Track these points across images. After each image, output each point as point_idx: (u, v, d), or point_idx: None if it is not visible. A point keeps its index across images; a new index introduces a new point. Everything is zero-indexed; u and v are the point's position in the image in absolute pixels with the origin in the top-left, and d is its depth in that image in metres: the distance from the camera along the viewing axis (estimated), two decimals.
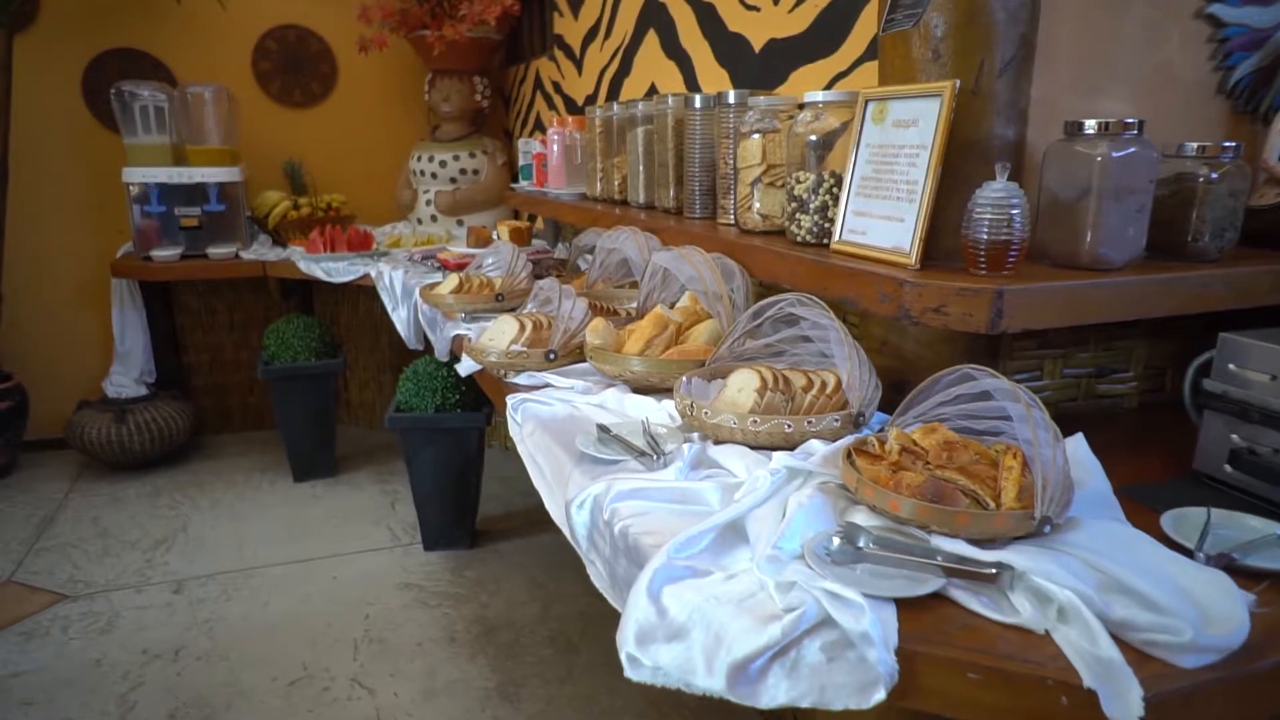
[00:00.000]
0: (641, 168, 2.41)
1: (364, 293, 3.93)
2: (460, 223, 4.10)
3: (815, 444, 1.24)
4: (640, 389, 1.62)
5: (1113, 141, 1.25)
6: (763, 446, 1.27)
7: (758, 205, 1.79)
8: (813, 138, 1.58)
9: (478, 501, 3.20)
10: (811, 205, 1.58)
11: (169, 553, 3.14)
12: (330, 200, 4.07)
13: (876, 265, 1.36)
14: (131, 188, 3.61)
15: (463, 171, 4.06)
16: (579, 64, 3.26)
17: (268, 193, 4.01)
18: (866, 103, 1.47)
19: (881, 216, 1.41)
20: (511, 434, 1.61)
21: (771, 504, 1.06)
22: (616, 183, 2.61)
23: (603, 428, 1.38)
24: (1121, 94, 1.41)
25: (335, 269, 3.54)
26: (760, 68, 2.06)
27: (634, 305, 2.15)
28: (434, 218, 4.10)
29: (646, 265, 1.88)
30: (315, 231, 3.64)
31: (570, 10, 3.34)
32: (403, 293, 3.23)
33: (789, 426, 1.25)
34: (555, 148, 3.08)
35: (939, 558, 0.94)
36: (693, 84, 2.39)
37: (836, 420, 1.27)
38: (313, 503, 3.59)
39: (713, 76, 2.30)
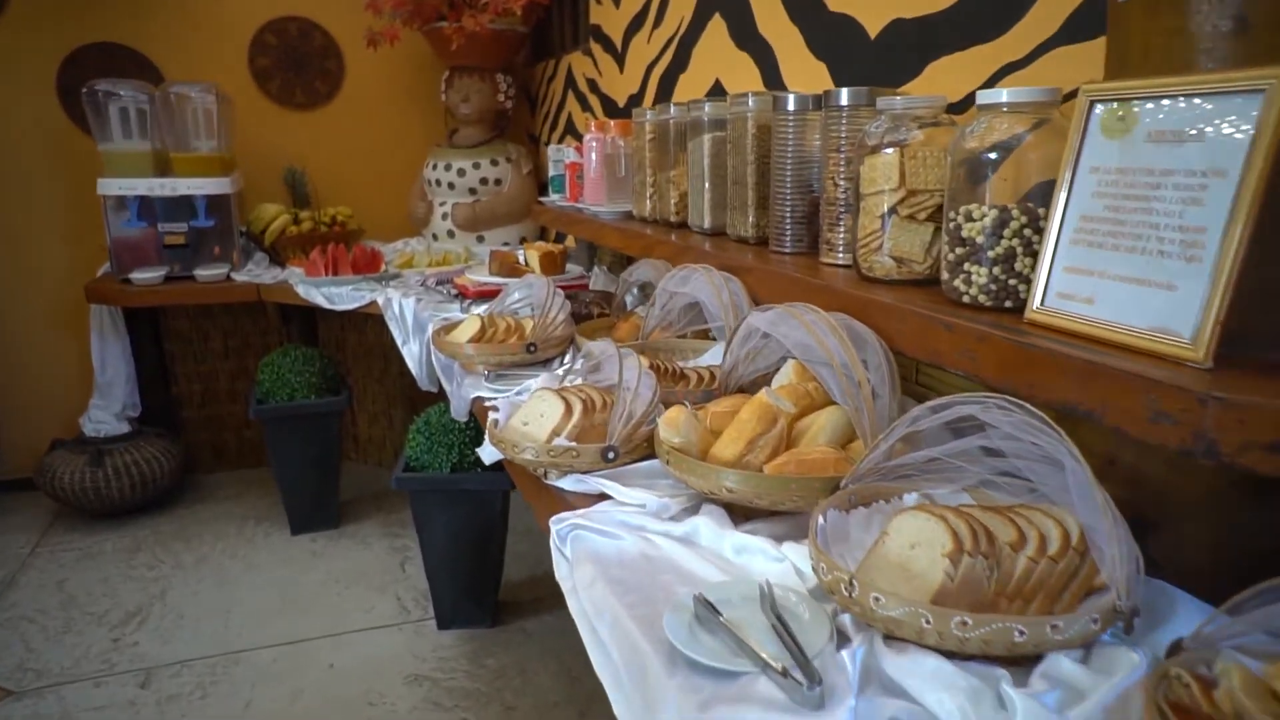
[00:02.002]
0: (708, 185, 1.93)
1: (373, 315, 3.48)
2: (480, 239, 3.64)
3: (1065, 664, 0.77)
4: (741, 510, 1.15)
5: None
6: (972, 656, 0.79)
7: (889, 244, 1.31)
8: (990, 154, 1.10)
9: (500, 573, 2.73)
10: (989, 253, 1.10)
11: (141, 629, 2.69)
12: (335, 214, 3.62)
13: (1128, 358, 0.88)
14: (107, 200, 3.17)
15: (483, 181, 3.60)
16: (620, 59, 2.79)
17: (265, 205, 3.56)
18: (1092, 105, 0.99)
19: (1124, 278, 0.93)
20: (558, 575, 1.14)
21: None
22: (673, 201, 2.13)
23: (704, 603, 0.90)
24: None
25: (338, 295, 3.08)
26: (878, 59, 1.58)
27: (705, 363, 1.68)
28: (451, 233, 3.64)
29: (735, 328, 1.40)
30: (316, 250, 3.19)
31: None
32: (415, 325, 2.78)
33: (1020, 634, 0.77)
34: (594, 157, 2.61)
35: None
36: (774, 80, 1.91)
37: (1094, 621, 0.78)
38: (311, 562, 3.14)
39: (804, 72, 1.82)
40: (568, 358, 1.93)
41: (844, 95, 1.43)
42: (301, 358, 3.25)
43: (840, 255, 1.49)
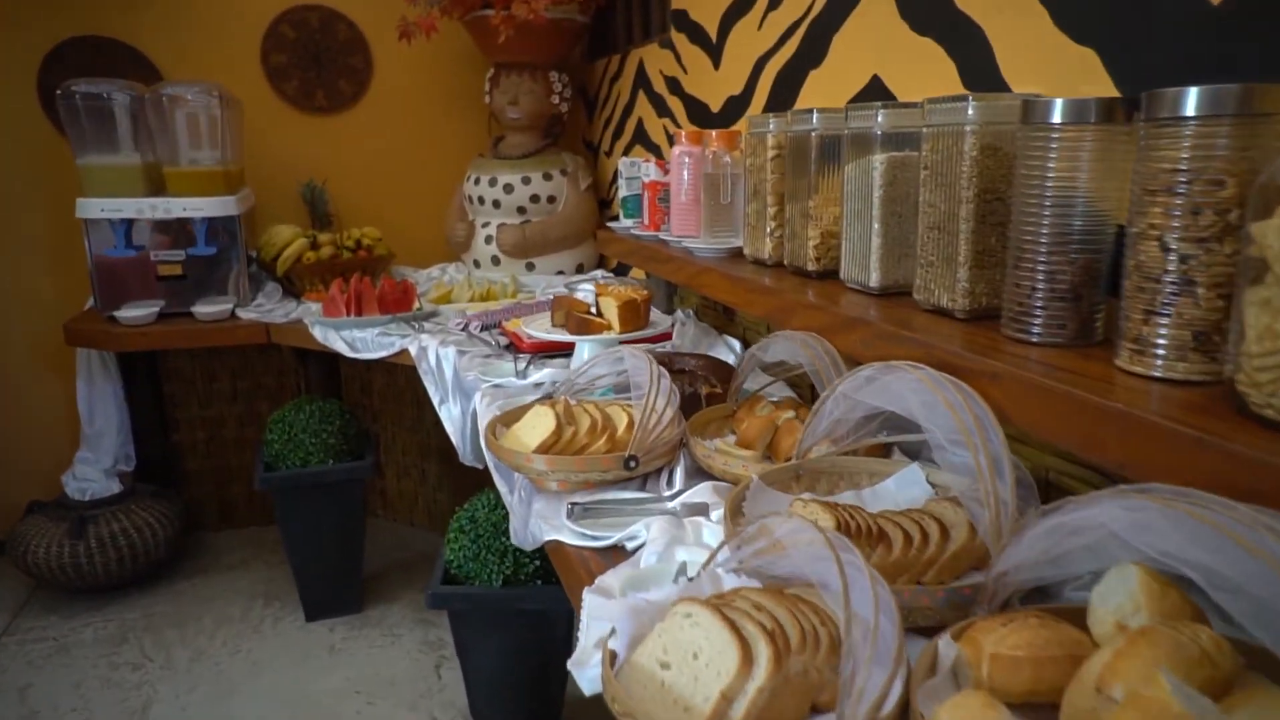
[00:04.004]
0: (878, 226, 1.36)
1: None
2: (530, 266, 3.08)
3: None
4: None
5: None
6: None
7: None
8: None
9: (561, 708, 2.16)
10: None
11: None
12: (360, 236, 3.08)
13: None
14: (88, 225, 2.64)
15: (534, 199, 3.04)
16: (716, 52, 2.22)
17: (278, 227, 3.02)
18: None
19: None
20: None
21: None
22: (811, 242, 1.55)
23: None
24: None
25: (361, 340, 2.53)
26: (1224, 37, 0.98)
27: (898, 495, 1.11)
28: (496, 260, 3.08)
29: (1006, 505, 0.81)
30: (336, 284, 2.64)
31: None
32: (455, 381, 2.23)
33: None
34: (684, 175, 2.04)
35: None
36: (983, 77, 1.33)
37: None
38: (328, 661, 2.59)
39: (1045, 62, 1.23)
40: (678, 478, 1.35)
41: (1191, 99, 0.85)
42: (318, 414, 2.70)
43: (1158, 361, 0.90)
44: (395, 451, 3.43)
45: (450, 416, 2.25)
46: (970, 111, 1.13)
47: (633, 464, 1.30)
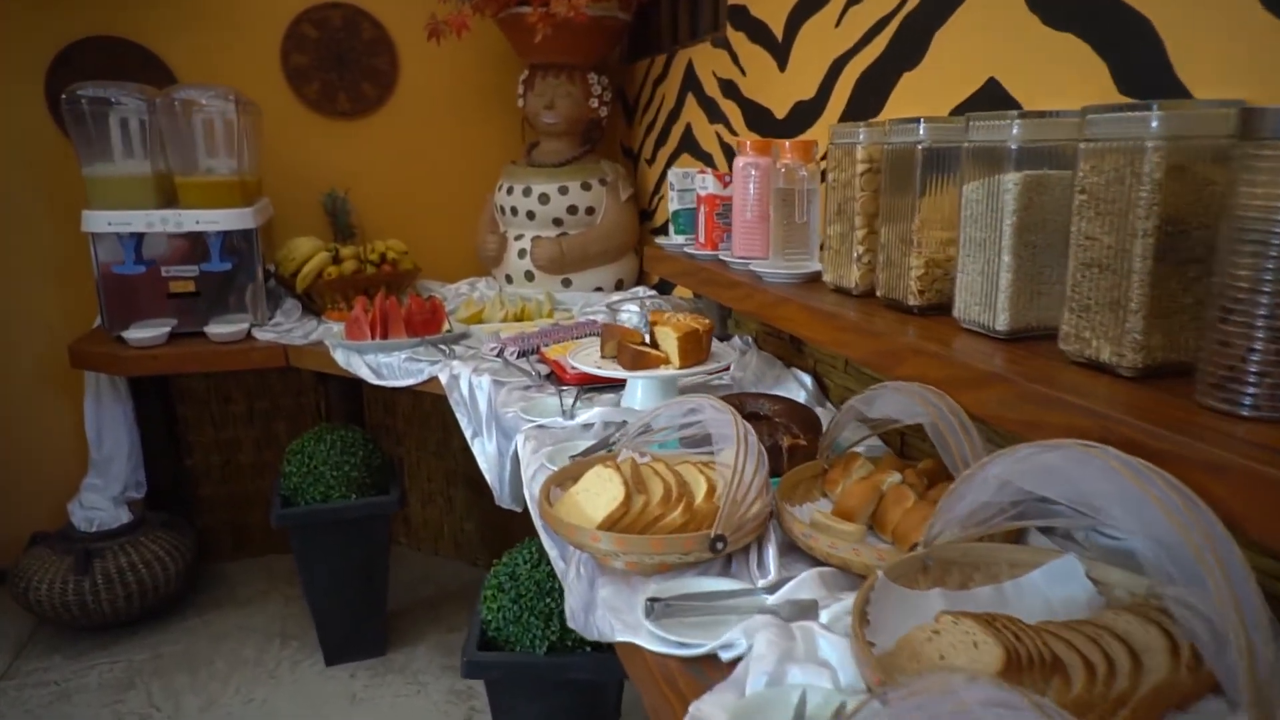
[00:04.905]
0: (1007, 258, 1.13)
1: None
2: (567, 282, 2.87)
3: None
4: None
5: None
6: None
7: None
8: None
9: None
10: None
11: None
12: (385, 249, 2.88)
13: None
14: (95, 239, 2.45)
15: (571, 210, 2.83)
16: (781, 51, 2.00)
17: (298, 240, 2.83)
18: None
19: None
20: None
21: None
22: (913, 272, 1.33)
23: None
24: None
25: (387, 366, 2.33)
26: None
27: (1049, 599, 0.89)
28: (530, 275, 2.87)
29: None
30: (359, 304, 2.44)
31: None
32: (490, 415, 2.03)
33: None
34: (751, 190, 1.82)
35: None
36: (1148, 81, 1.10)
37: None
38: (348, 711, 2.39)
39: (1241, 65, 1.01)
40: (770, 559, 1.13)
41: None
42: (340, 444, 2.50)
43: None
44: (420, 477, 3.23)
45: (485, 452, 2.04)
46: (1154, 124, 0.91)
47: (720, 545, 1.08)
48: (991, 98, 1.34)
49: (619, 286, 2.93)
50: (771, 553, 1.14)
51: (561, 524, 1.15)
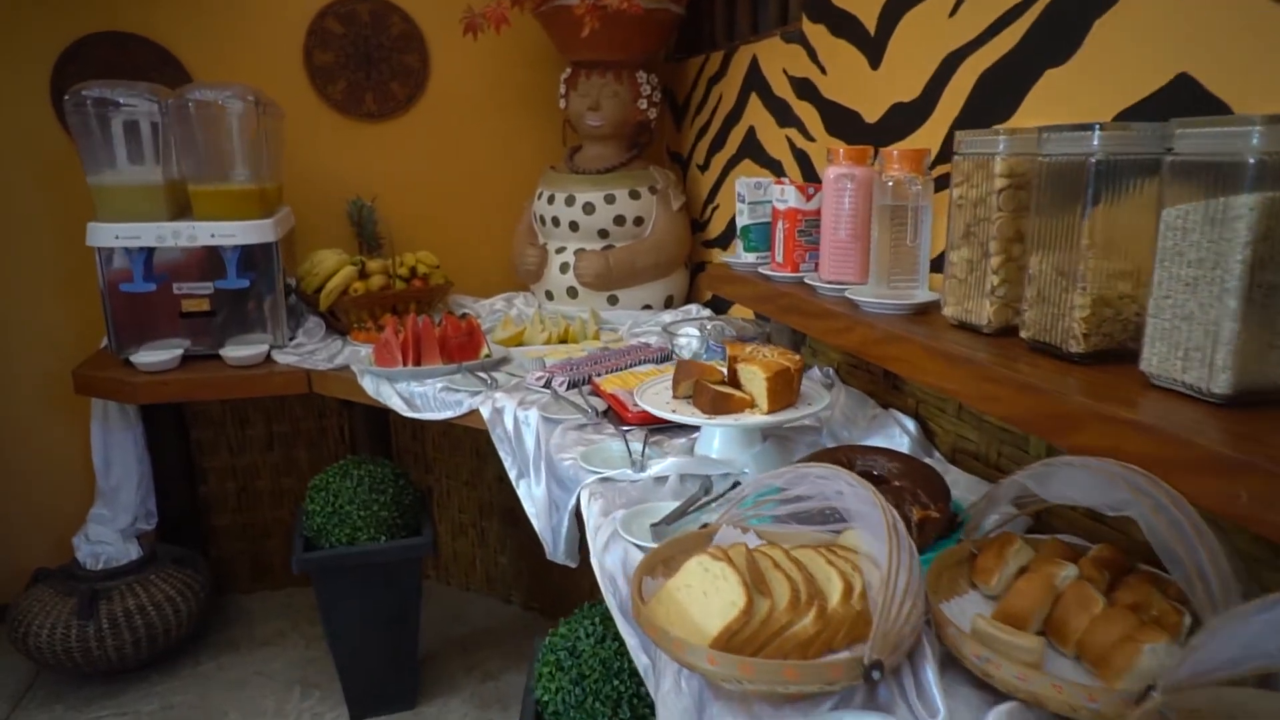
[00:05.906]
0: (1234, 301, 0.89)
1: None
2: (613, 299, 2.63)
3: None
4: None
5: None
6: None
7: None
8: None
9: None
10: None
11: None
12: (415, 263, 2.65)
13: None
14: (102, 254, 2.24)
15: (618, 220, 2.59)
16: (875, 46, 1.75)
17: (321, 253, 2.61)
18: None
19: None
20: None
21: None
22: (1079, 313, 1.09)
23: None
24: None
25: (422, 396, 2.10)
26: None
27: None
28: (573, 291, 2.64)
29: None
30: (390, 326, 2.21)
31: None
32: (538, 453, 1.81)
33: None
34: (845, 204, 1.59)
35: None
36: None
37: None
38: None
39: None
40: (932, 687, 0.89)
41: None
42: (367, 480, 2.27)
43: None
44: (450, 508, 3.00)
45: (532, 496, 1.81)
46: None
47: (877, 675, 0.84)
48: (1181, 98, 1.09)
49: (668, 304, 2.69)
50: (932, 678, 0.89)
51: (666, 637, 0.91)
